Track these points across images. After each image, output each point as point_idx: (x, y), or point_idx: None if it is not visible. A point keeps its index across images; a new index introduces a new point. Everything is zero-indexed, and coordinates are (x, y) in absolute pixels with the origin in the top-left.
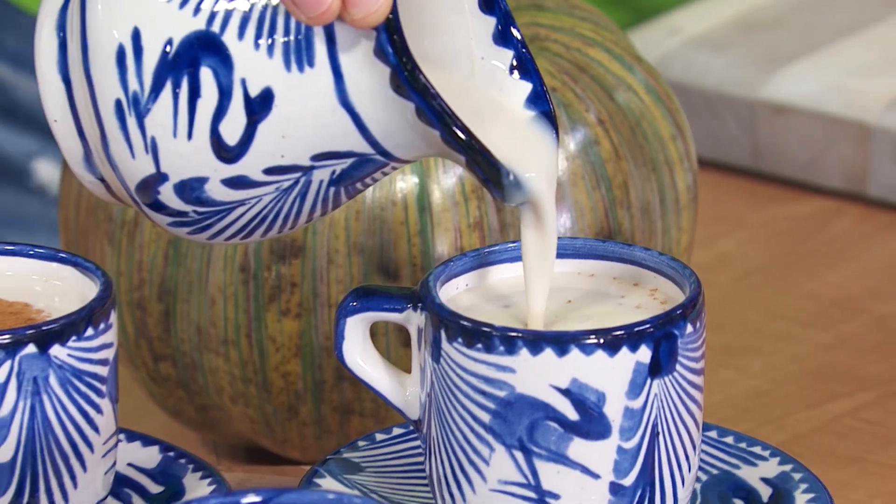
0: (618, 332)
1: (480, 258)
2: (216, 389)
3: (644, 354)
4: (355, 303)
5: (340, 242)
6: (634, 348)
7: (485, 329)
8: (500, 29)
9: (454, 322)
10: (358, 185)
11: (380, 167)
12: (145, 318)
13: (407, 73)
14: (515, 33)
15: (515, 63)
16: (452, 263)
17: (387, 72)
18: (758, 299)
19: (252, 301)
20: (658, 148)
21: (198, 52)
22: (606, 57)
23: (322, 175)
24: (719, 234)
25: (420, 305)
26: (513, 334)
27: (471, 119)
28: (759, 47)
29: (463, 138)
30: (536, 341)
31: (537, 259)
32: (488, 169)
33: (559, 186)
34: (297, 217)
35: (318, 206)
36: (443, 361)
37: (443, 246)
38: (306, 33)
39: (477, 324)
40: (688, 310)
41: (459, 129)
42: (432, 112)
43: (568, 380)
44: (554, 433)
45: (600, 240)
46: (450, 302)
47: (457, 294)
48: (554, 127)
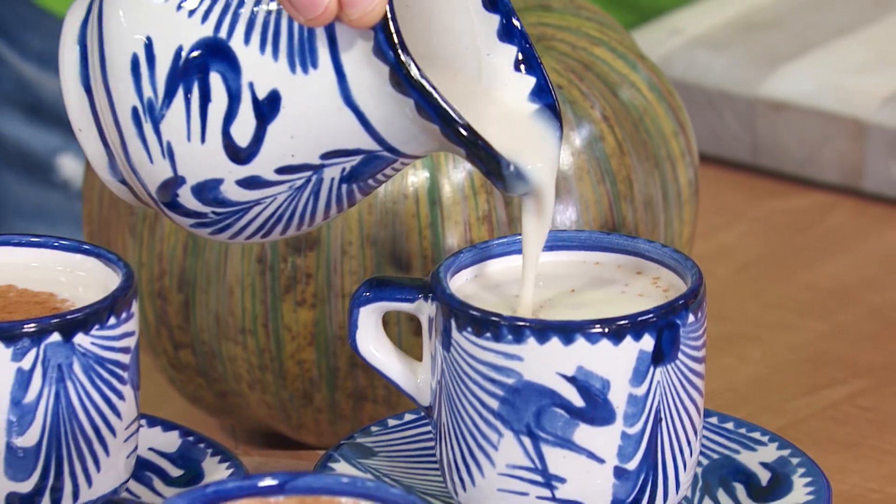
0: (622, 322)
1: (488, 250)
2: (234, 376)
3: (647, 343)
4: (368, 293)
5: (354, 235)
6: (638, 337)
7: (493, 318)
8: (504, 25)
9: (464, 312)
10: (370, 182)
11: (389, 163)
12: (166, 308)
13: (405, 71)
14: (518, 29)
15: (519, 58)
16: (462, 255)
17: (386, 70)
18: (757, 289)
19: (269, 291)
20: (661, 143)
21: (207, 59)
22: (611, 56)
23: (333, 173)
24: (720, 227)
25: (431, 295)
26: (520, 324)
27: (474, 114)
28: (758, 47)
29: (461, 132)
30: (543, 330)
31: (535, 247)
32: (489, 161)
33: (565, 181)
34: (314, 215)
35: (333, 204)
36: (453, 350)
37: (453, 238)
38: (308, 36)
39: (486, 313)
40: (690, 300)
41: (458, 124)
42: (431, 107)
43: (574, 367)
44: (560, 419)
45: (605, 232)
46: (459, 292)
47: (465, 284)
48: (558, 119)
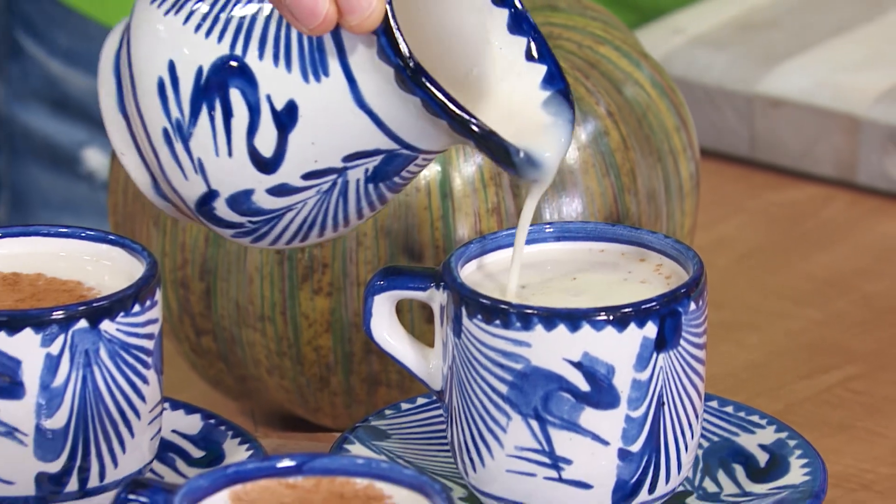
0: (626, 310)
1: (497, 241)
2: (253, 362)
3: (650, 330)
4: (382, 282)
5: (368, 226)
6: (642, 324)
7: (502, 306)
8: (513, 18)
9: (474, 300)
10: (396, 180)
11: (410, 160)
12: (188, 296)
13: (408, 71)
14: (528, 21)
15: (530, 48)
16: (472, 245)
17: (391, 72)
18: (755, 279)
19: (287, 280)
20: (663, 138)
21: (225, 76)
22: (615, 54)
23: (357, 174)
24: (719, 219)
25: (442, 284)
26: (529, 311)
27: (486, 107)
28: (757, 46)
29: (467, 125)
30: (550, 318)
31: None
32: (498, 150)
33: (571, 174)
34: (347, 217)
35: (365, 204)
36: (463, 336)
37: (463, 229)
38: (318, 46)
39: (495, 301)
40: (691, 289)
41: (462, 117)
42: (435, 104)
43: (580, 353)
44: (567, 403)
45: (610, 223)
46: (469, 281)
47: (475, 273)
48: (569, 103)
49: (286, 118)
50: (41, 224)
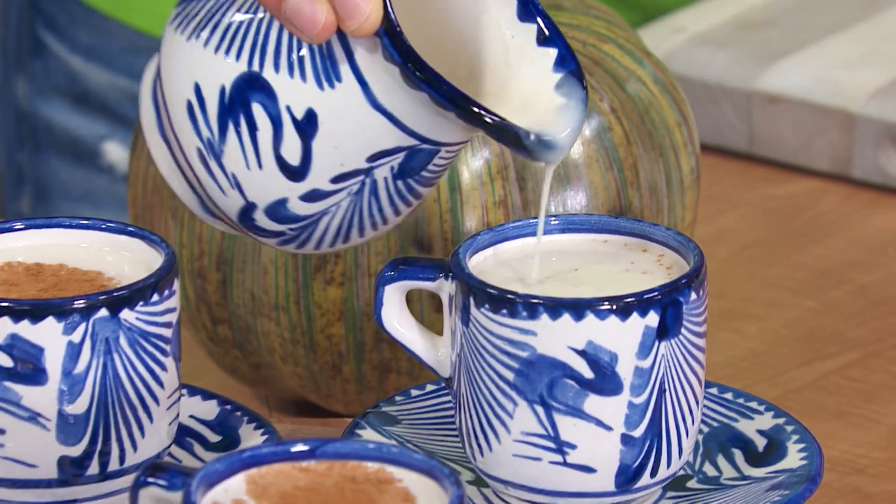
0: (629, 299)
1: (504, 232)
2: (268, 350)
3: (653, 319)
4: (393, 272)
5: None
6: (644, 314)
7: (509, 296)
8: (522, 5)
9: (482, 290)
10: (425, 175)
11: (434, 154)
12: (205, 286)
13: (412, 68)
14: (537, 7)
15: (540, 33)
16: (480, 237)
17: (397, 70)
18: (753, 270)
19: (300, 271)
20: (665, 134)
21: (246, 92)
22: (619, 52)
23: (383, 172)
24: (719, 212)
25: (451, 275)
26: (534, 301)
27: (500, 96)
28: (755, 44)
29: (474, 113)
30: (556, 307)
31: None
32: (508, 135)
33: (576, 168)
34: (383, 214)
35: (398, 201)
36: (471, 325)
37: (471, 221)
38: (328, 53)
39: (502, 291)
40: (692, 279)
41: (469, 107)
42: (442, 97)
43: (584, 342)
44: (571, 390)
45: (613, 216)
46: (477, 271)
47: (483, 264)
48: (581, 84)
49: (307, 126)
50: (63, 216)
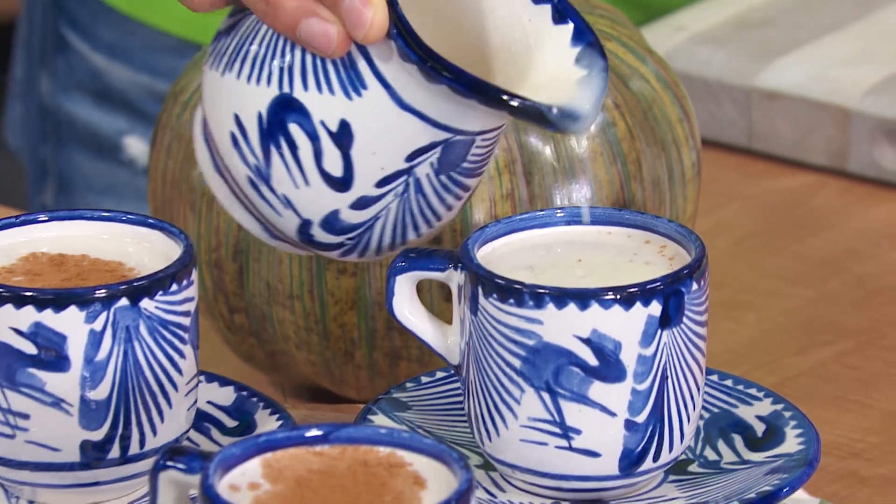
0: (632, 289)
1: (512, 224)
2: (283, 337)
3: (655, 308)
4: (404, 263)
5: None
6: (647, 303)
7: (516, 286)
8: None
9: (490, 280)
10: (466, 165)
11: (470, 144)
12: (222, 276)
13: (429, 64)
14: None
15: (555, 12)
16: (488, 229)
17: (415, 69)
18: (752, 261)
19: (314, 261)
20: (667, 129)
21: (281, 114)
22: (622, 50)
23: (424, 170)
24: (719, 204)
25: (460, 265)
26: (541, 291)
27: (522, 78)
28: (754, 42)
29: (495, 97)
30: (561, 297)
31: None
32: (532, 112)
33: (581, 162)
34: (434, 211)
35: (447, 195)
36: (480, 314)
37: (479, 214)
38: (350, 64)
39: (510, 281)
40: (693, 270)
41: (488, 91)
42: (462, 86)
43: (589, 330)
44: (576, 377)
45: (617, 209)
46: (485, 262)
47: (491, 255)
48: (600, 53)
49: (343, 137)
50: (85, 208)
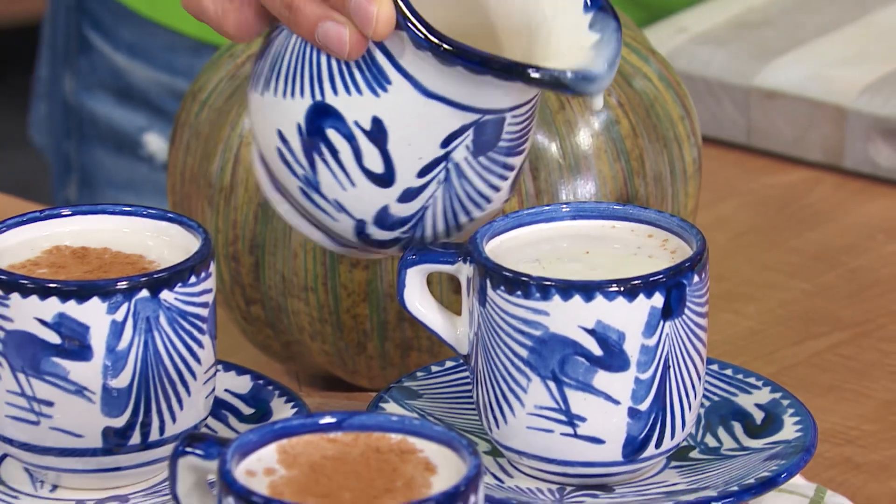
0: (636, 282)
1: (519, 219)
2: (298, 328)
3: (658, 300)
4: (414, 256)
5: None
6: (650, 295)
7: (524, 279)
8: None
9: (498, 273)
10: (502, 145)
11: (501, 122)
12: (239, 269)
13: (441, 48)
14: None
15: None
16: (496, 223)
17: (430, 55)
18: (751, 254)
19: (328, 254)
20: (668, 127)
21: (318, 122)
22: (626, 50)
23: (461, 153)
24: (719, 200)
25: (469, 259)
26: (547, 283)
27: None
28: (753, 43)
29: (509, 69)
30: (567, 289)
31: None
32: (549, 80)
33: (586, 159)
34: (481, 193)
35: (490, 176)
36: (488, 306)
37: None
38: (372, 62)
39: (517, 274)
40: (694, 263)
41: (502, 65)
42: (475, 63)
43: (593, 321)
44: (581, 366)
45: (620, 204)
46: (494, 255)
47: (499, 248)
48: (612, 15)
49: (377, 133)
50: (107, 203)
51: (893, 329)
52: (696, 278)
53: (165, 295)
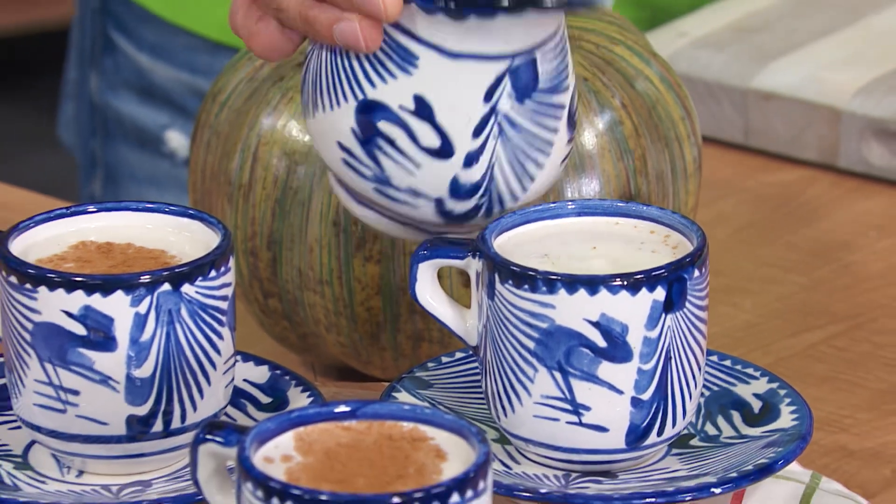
0: (638, 276)
1: (526, 215)
2: (314, 320)
3: (660, 294)
4: (426, 251)
5: None
6: (652, 289)
7: (531, 273)
8: None
9: (506, 267)
10: (543, 85)
11: (532, 63)
12: (257, 263)
13: (451, 4)
14: None
15: None
16: (504, 220)
17: (441, 16)
18: (749, 249)
19: (342, 249)
20: (670, 127)
21: (368, 118)
22: (628, 53)
23: (506, 103)
24: (718, 197)
25: (478, 254)
26: (553, 277)
27: None
28: (751, 46)
29: (520, 1)
30: (572, 283)
31: None
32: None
33: (590, 158)
34: (539, 136)
35: (543, 118)
36: (496, 299)
37: None
38: (395, 44)
39: (524, 268)
40: (695, 258)
41: (511, 0)
42: (486, 8)
43: (598, 314)
44: (586, 357)
45: (624, 201)
46: (502, 250)
47: (507, 244)
48: None
49: (423, 109)
50: (131, 200)
51: (885, 322)
52: (697, 273)
53: (187, 288)
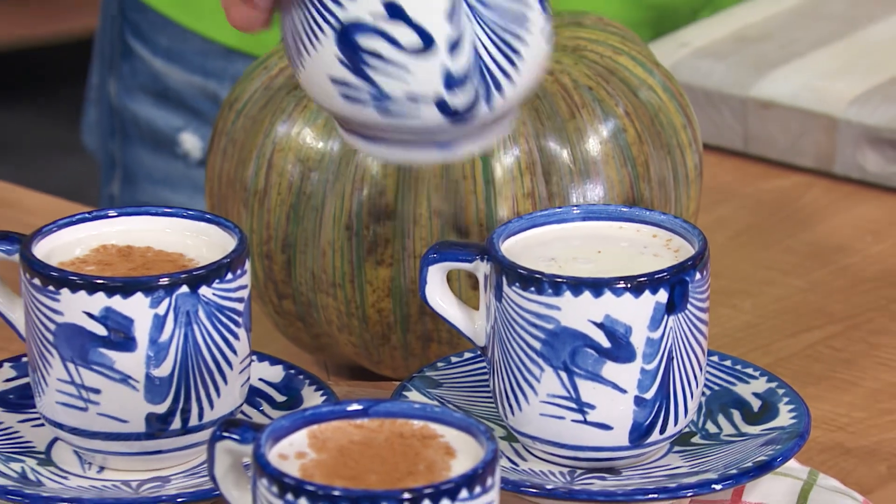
0: (642, 279)
1: (533, 220)
2: (327, 322)
3: (662, 296)
4: (435, 255)
5: (423, 208)
6: (655, 291)
7: (537, 276)
8: None
9: (513, 270)
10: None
11: None
12: (272, 266)
13: None
14: None
15: None
16: (511, 224)
17: None
18: (748, 253)
19: (354, 253)
20: (672, 134)
21: (348, 40)
22: (632, 63)
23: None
24: (718, 202)
25: (486, 257)
26: (559, 280)
27: None
28: (750, 56)
29: None
30: (577, 285)
31: None
32: None
33: (594, 164)
34: (510, 11)
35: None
36: (504, 301)
37: (503, 210)
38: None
39: (531, 271)
40: (696, 261)
41: None
42: None
43: (602, 315)
44: (591, 357)
45: (627, 206)
46: (509, 254)
47: (514, 247)
48: None
49: (394, 11)
50: (150, 205)
51: (881, 322)
52: (698, 275)
53: (204, 290)
